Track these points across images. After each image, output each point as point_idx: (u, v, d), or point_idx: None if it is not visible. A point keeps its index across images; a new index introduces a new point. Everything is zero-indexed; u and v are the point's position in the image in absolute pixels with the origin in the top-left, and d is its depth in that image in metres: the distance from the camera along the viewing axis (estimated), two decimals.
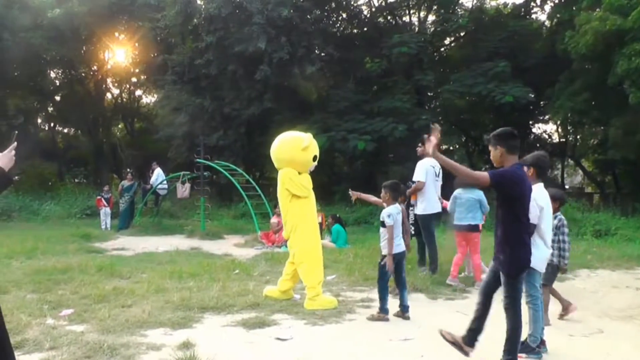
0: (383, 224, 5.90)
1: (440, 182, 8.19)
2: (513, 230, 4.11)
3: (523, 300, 4.46)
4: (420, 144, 8.05)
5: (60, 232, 13.88)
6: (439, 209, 8.13)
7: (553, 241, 5.71)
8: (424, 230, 8.12)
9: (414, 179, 8.12)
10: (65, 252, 10.69)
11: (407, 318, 5.90)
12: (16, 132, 3.58)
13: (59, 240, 12.51)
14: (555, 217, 5.72)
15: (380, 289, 5.97)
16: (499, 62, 18.74)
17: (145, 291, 6.86)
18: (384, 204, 6.02)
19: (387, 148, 21.04)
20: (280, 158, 6.63)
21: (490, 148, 4.25)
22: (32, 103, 29.73)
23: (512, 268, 4.11)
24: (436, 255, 8.02)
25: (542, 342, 4.80)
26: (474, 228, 7.55)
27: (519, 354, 4.63)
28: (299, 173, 6.54)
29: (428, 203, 8.02)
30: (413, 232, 8.12)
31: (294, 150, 6.53)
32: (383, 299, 5.94)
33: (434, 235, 8.11)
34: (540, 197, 4.70)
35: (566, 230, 5.78)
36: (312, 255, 6.48)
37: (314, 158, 6.65)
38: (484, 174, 4.03)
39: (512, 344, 4.16)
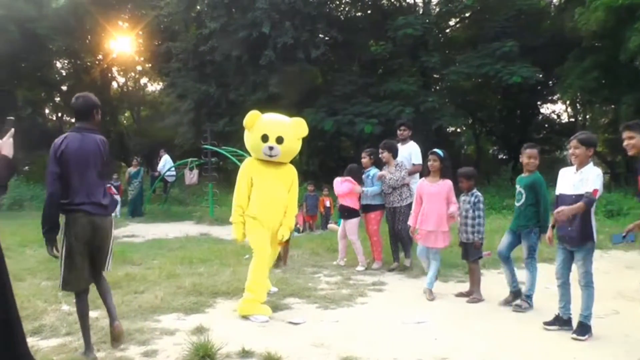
0: None
1: None
2: None
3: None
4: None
5: None
6: None
7: (468, 217, 6.04)
8: None
9: (415, 161, 8.19)
10: None
11: None
12: (12, 118, 3.48)
13: None
14: (471, 195, 6.07)
15: None
16: (506, 42, 18.48)
17: (157, 277, 6.91)
18: None
19: (394, 131, 20.90)
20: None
21: (633, 134, 4.59)
22: (39, 94, 29.75)
23: None
24: None
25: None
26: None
27: (580, 337, 4.63)
28: (273, 163, 5.64)
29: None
30: None
31: (245, 133, 5.66)
32: None
33: None
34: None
35: (482, 206, 6.03)
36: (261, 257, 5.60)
37: (264, 138, 5.45)
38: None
39: None
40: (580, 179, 4.75)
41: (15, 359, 3.08)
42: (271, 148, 5.45)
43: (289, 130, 5.59)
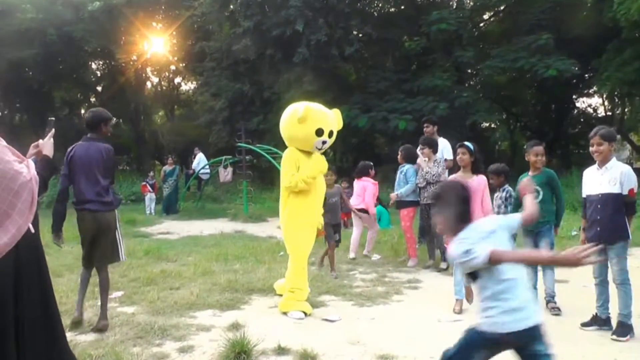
0: None
1: None
2: None
3: None
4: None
5: None
6: None
7: (501, 213, 5.79)
8: None
9: (447, 157, 8.11)
10: None
11: None
12: (52, 118, 3.68)
13: None
14: (502, 190, 5.92)
15: None
16: (542, 35, 18.06)
17: (192, 274, 6.96)
18: None
19: None
20: (283, 135, 5.74)
21: None
22: (75, 95, 30.42)
23: None
24: None
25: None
26: None
27: (620, 337, 4.44)
28: (308, 153, 5.60)
29: None
30: None
31: (290, 123, 5.52)
32: None
33: None
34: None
35: (514, 201, 5.79)
36: (301, 256, 5.59)
37: (319, 132, 5.42)
38: None
39: None
40: (606, 176, 4.60)
41: (55, 353, 3.12)
42: (324, 142, 5.52)
43: (335, 123, 5.66)
